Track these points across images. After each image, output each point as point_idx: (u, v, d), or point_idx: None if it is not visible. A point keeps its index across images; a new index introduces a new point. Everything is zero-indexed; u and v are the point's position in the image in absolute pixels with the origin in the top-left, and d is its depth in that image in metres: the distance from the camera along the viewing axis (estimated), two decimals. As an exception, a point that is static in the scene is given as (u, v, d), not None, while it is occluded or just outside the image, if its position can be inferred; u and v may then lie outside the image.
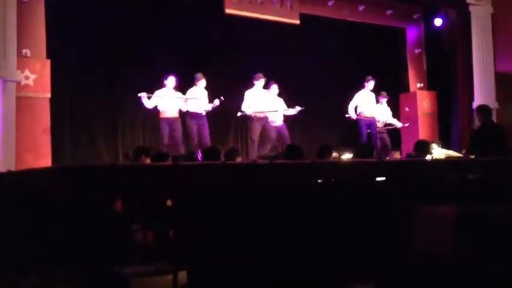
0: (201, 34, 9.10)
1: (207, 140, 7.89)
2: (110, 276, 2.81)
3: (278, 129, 8.35)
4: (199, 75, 8.03)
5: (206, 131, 7.94)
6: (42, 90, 7.08)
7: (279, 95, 8.52)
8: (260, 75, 8.30)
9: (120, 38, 8.63)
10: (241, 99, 8.33)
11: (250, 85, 8.36)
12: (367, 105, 8.94)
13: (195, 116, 7.93)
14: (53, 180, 2.99)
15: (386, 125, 9.30)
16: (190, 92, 8.03)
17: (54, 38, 7.45)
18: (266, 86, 8.32)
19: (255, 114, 8.08)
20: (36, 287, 2.86)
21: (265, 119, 8.18)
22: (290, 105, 8.60)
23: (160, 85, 7.97)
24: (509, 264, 2.43)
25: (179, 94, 8.02)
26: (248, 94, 8.27)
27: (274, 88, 8.37)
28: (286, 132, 8.41)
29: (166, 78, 7.93)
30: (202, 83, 8.04)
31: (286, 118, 8.67)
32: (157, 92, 7.88)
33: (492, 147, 5.50)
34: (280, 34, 9.59)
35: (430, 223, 2.83)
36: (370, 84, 8.96)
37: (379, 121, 9.06)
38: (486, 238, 2.51)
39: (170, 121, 7.85)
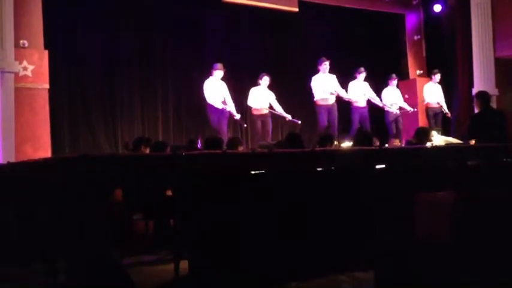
0: (199, 23, 9.06)
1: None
2: (110, 265, 2.82)
3: None
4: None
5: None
6: (40, 81, 7.06)
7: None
8: (362, 69, 8.96)
9: (118, 28, 8.59)
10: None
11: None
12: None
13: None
14: (53, 171, 2.99)
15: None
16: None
17: (52, 28, 7.42)
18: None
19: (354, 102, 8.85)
20: (37, 277, 2.87)
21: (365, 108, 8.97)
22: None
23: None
24: (508, 249, 2.44)
25: (270, 92, 8.34)
26: (352, 85, 8.97)
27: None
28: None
29: (261, 78, 8.20)
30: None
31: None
32: (252, 90, 8.26)
33: (492, 133, 5.49)
34: (278, 21, 9.55)
35: (429, 210, 2.83)
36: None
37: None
38: (485, 224, 2.52)
39: (263, 117, 8.20)
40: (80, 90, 8.35)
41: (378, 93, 9.34)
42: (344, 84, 8.99)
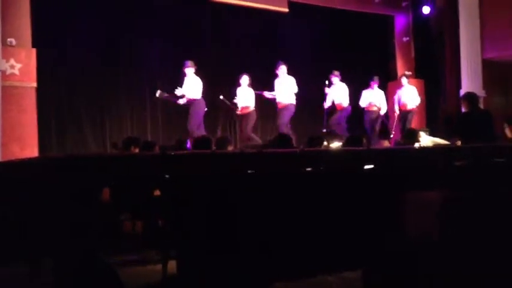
0: (187, 22, 9.06)
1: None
2: (97, 265, 2.80)
3: None
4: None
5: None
6: (28, 79, 7.00)
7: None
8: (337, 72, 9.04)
9: (107, 27, 8.54)
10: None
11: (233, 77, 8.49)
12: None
13: None
14: (40, 170, 2.96)
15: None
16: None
17: (40, 26, 7.37)
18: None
19: None
20: (22, 277, 2.84)
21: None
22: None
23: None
24: (496, 248, 2.46)
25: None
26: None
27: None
28: None
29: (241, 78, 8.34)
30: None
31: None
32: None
33: (480, 134, 5.53)
34: (267, 22, 9.57)
35: (418, 210, 2.84)
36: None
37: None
38: (473, 224, 2.53)
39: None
40: (68, 90, 8.29)
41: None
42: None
